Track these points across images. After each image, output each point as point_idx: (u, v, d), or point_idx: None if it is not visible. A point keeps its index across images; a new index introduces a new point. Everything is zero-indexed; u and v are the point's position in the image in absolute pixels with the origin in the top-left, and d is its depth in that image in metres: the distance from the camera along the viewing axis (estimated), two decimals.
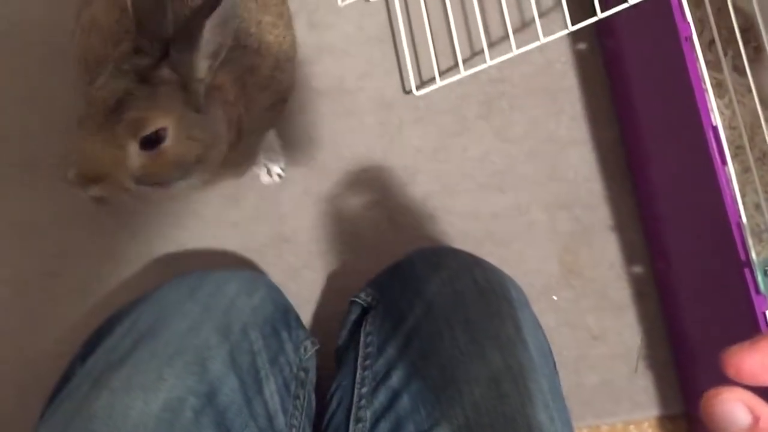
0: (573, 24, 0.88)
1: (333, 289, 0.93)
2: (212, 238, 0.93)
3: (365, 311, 0.80)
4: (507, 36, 1.01)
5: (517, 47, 0.91)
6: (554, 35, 0.90)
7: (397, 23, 1.02)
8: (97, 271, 0.90)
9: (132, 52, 0.61)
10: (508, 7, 0.95)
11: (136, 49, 0.61)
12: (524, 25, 1.03)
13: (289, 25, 0.78)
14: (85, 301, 0.88)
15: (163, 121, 0.59)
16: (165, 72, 0.60)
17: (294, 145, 0.97)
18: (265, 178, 0.93)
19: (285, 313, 0.78)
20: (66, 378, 0.69)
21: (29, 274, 0.89)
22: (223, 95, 0.65)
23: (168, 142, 0.60)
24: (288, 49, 0.76)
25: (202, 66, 0.61)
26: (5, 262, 0.89)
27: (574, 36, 0.96)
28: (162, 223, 0.92)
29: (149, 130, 0.59)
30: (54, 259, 0.90)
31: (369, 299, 0.80)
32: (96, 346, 0.70)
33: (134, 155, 0.60)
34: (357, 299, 0.81)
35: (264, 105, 0.73)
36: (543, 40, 0.88)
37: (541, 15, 0.93)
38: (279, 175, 0.93)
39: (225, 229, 0.93)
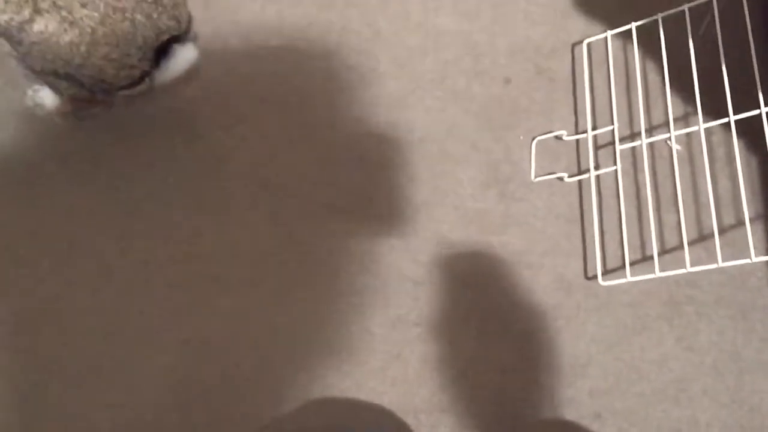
0: None
1: None
2: (371, 390, 0.92)
3: None
4: (703, 238, 0.98)
5: (710, 250, 0.87)
6: None
7: (590, 206, 1.01)
8: (259, 400, 0.90)
9: None
10: (706, 209, 0.92)
11: None
12: (722, 231, 1.00)
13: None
14: (244, 427, 0.88)
15: None
16: None
17: (467, 312, 0.96)
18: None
19: None
20: None
21: (187, 392, 0.90)
22: None
23: None
24: None
25: None
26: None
27: None
28: (326, 367, 0.92)
29: None
30: (218, 384, 0.91)
31: None
32: None
33: None
34: None
35: None
36: (755, 259, 0.84)
37: (741, 224, 0.90)
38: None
39: (385, 384, 0.92)
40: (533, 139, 1.05)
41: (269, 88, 1.05)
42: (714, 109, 0.99)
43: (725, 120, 0.93)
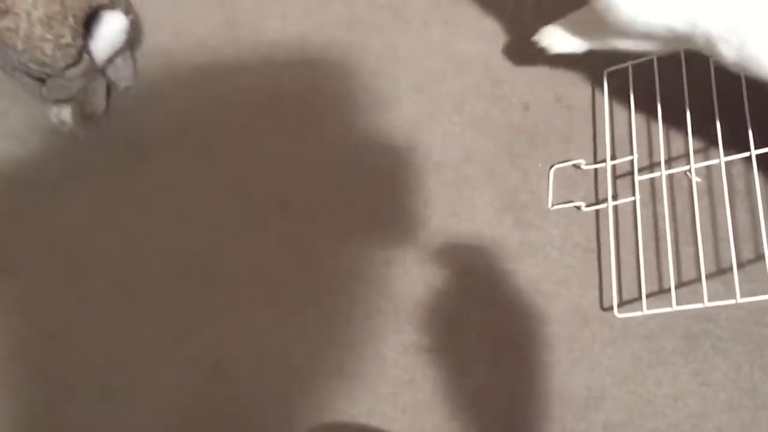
0: None
1: None
2: (382, 416, 0.91)
3: None
4: (722, 272, 0.97)
5: (728, 284, 0.85)
6: None
7: (607, 237, 1.00)
8: (268, 423, 0.89)
9: None
10: (724, 243, 0.91)
11: None
12: (740, 265, 0.99)
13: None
14: None
15: None
16: None
17: (480, 339, 0.95)
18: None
19: None
20: None
21: (195, 411, 0.89)
22: None
23: None
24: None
25: None
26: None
27: None
28: (336, 391, 0.91)
29: None
30: (226, 405, 0.90)
31: None
32: None
33: None
34: None
35: None
36: None
37: (761, 258, 0.89)
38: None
39: (396, 410, 0.91)
40: (551, 167, 1.04)
41: (287, 108, 1.06)
42: (735, 141, 0.98)
43: (746, 154, 0.92)
